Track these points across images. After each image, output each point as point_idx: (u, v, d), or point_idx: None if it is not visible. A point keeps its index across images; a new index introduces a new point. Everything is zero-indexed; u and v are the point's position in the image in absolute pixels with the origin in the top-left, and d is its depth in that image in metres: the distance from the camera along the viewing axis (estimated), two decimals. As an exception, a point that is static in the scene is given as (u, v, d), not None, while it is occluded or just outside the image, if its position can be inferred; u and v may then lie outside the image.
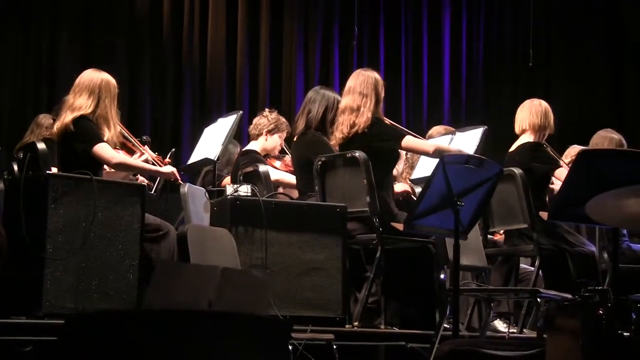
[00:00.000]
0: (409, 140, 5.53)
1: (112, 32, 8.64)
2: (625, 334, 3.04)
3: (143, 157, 5.69)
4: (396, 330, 5.31)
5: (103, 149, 5.12)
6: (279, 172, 6.53)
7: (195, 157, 6.43)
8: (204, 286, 2.61)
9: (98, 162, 5.14)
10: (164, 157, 5.82)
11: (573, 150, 6.52)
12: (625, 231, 6.40)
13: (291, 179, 6.32)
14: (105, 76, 5.27)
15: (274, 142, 6.73)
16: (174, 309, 2.39)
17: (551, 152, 6.09)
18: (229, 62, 9.05)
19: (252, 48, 9.18)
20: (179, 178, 5.60)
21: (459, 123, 8.37)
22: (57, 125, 5.21)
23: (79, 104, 5.16)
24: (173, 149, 6.28)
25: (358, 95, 5.57)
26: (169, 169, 5.56)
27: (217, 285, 2.63)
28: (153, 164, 5.61)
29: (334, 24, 9.56)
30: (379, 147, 5.47)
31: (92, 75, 5.25)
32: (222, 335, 2.46)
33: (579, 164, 3.70)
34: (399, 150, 5.79)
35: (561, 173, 5.85)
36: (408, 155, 6.44)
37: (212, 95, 8.98)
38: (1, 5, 8.16)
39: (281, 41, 9.32)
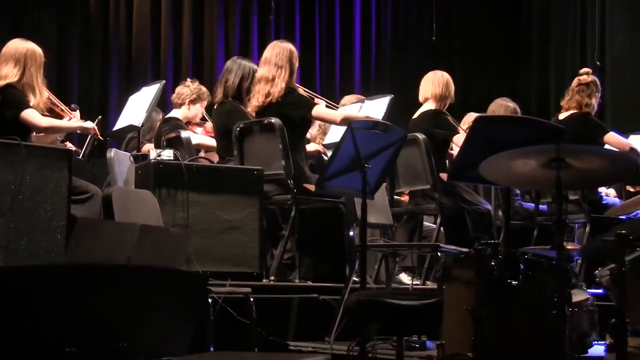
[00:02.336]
0: (318, 110, 5.54)
1: (42, 4, 8.43)
2: (514, 282, 3.10)
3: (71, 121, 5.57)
4: (309, 283, 5.35)
5: (30, 115, 5.04)
6: (200, 137, 6.48)
7: (120, 123, 6.32)
8: (123, 242, 2.56)
9: (27, 128, 5.05)
10: (92, 124, 5.72)
11: (470, 117, 6.59)
12: (517, 191, 6.53)
13: (211, 142, 6.26)
14: (30, 45, 5.15)
15: (196, 110, 6.68)
16: (93, 264, 2.35)
17: (451, 120, 6.15)
18: (153, 34, 8.93)
19: (176, 21, 9.07)
20: (98, 134, 5.50)
21: (368, 92, 8.40)
22: (-15, 94, 5.09)
23: (5, 72, 5.06)
24: (100, 116, 6.20)
25: (273, 66, 5.54)
26: (89, 123, 5.46)
27: (136, 242, 2.59)
28: None
29: (252, -2, 9.50)
30: (291, 115, 5.46)
31: (17, 45, 5.13)
32: (141, 289, 2.42)
33: (475, 130, 3.74)
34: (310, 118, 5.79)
35: (459, 138, 5.92)
36: (320, 122, 6.44)
37: (137, 66, 8.85)
38: None
39: (202, 14, 9.22)
